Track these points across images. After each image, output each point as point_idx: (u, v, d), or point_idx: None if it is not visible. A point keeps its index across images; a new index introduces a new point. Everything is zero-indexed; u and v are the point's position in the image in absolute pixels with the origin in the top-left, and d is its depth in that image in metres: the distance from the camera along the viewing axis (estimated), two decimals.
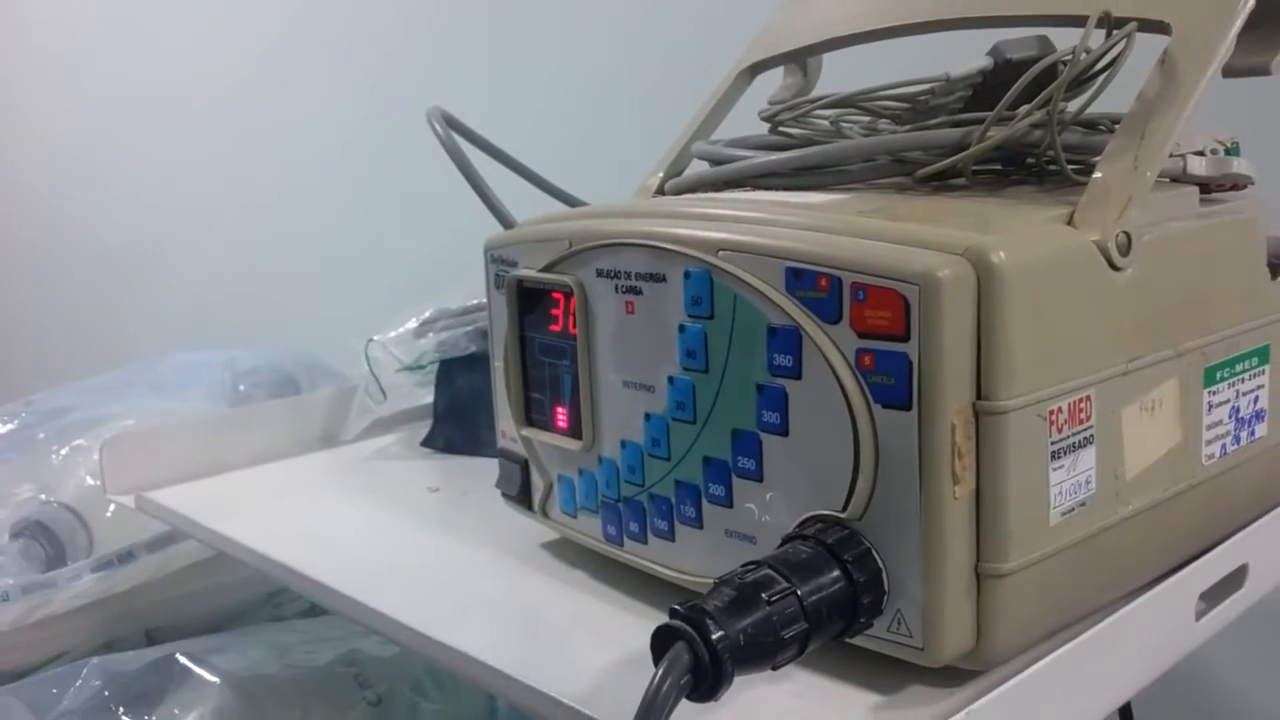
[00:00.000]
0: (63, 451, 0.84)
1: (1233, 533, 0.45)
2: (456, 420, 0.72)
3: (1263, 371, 0.47)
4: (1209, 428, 0.44)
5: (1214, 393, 0.44)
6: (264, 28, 1.44)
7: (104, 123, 1.78)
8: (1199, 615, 0.43)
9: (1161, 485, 0.42)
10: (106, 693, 0.70)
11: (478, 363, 0.71)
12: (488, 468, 0.55)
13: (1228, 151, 0.48)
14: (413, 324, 0.74)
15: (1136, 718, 0.62)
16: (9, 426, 0.90)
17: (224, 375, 0.95)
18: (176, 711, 0.69)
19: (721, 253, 0.40)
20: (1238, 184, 0.48)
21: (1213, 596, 0.44)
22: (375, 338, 0.73)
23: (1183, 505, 0.43)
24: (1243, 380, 0.46)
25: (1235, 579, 0.45)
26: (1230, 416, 0.46)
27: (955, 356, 0.35)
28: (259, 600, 0.85)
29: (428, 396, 0.74)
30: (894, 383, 0.35)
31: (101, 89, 1.77)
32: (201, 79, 1.56)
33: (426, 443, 0.73)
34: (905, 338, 0.35)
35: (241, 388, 0.94)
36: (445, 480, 0.66)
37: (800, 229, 0.39)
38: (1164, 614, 0.41)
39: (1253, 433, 0.47)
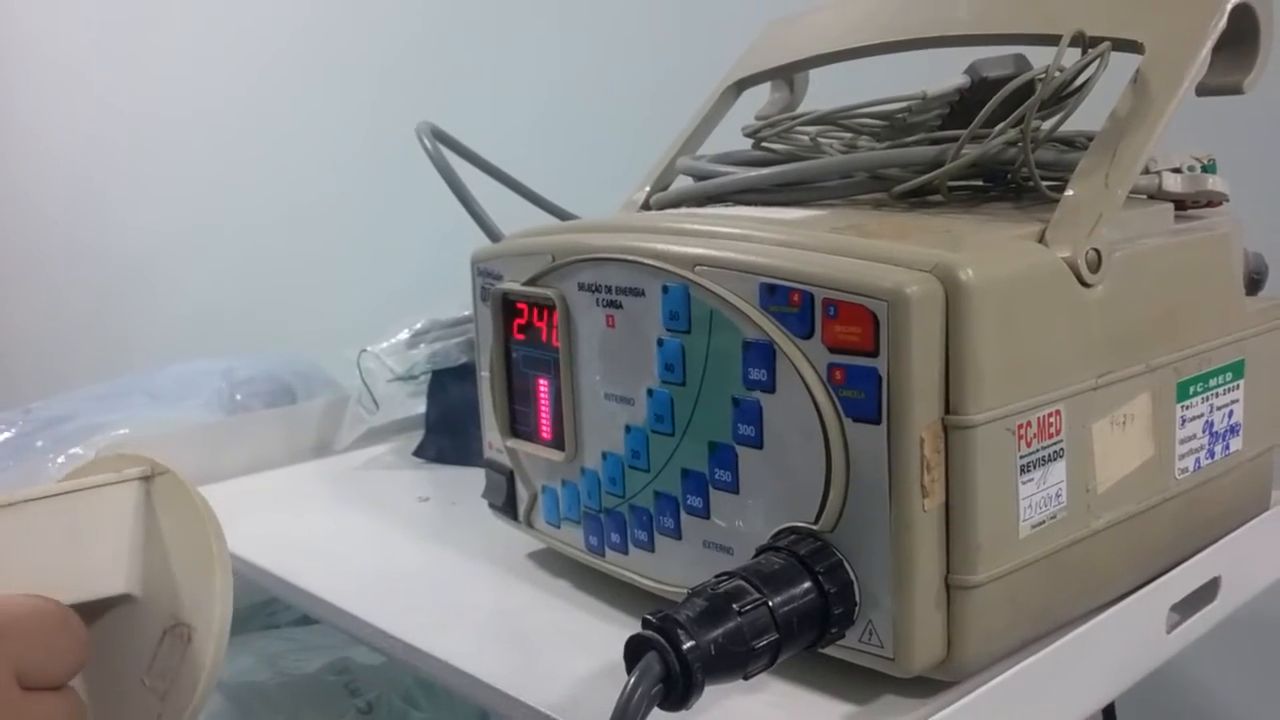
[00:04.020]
0: (60, 460, 0.84)
1: (1206, 546, 0.45)
2: (448, 431, 0.73)
3: (1237, 386, 0.47)
4: (1182, 442, 0.45)
5: (1187, 407, 0.45)
6: (262, 43, 1.45)
7: (104, 135, 1.79)
8: (1170, 628, 0.43)
9: (1134, 499, 0.43)
10: None
11: (469, 374, 0.71)
12: (478, 478, 0.56)
13: (1204, 169, 0.48)
14: (405, 335, 0.75)
15: None
16: (7, 434, 0.91)
17: (221, 384, 0.95)
18: None
19: (698, 268, 0.41)
20: (1213, 201, 0.48)
21: (1185, 609, 0.44)
22: (368, 348, 0.74)
23: (1155, 518, 0.44)
24: (1216, 395, 0.46)
25: (1208, 592, 0.45)
26: (1204, 431, 0.46)
27: (924, 371, 0.35)
28: (253, 608, 0.85)
29: (420, 407, 0.74)
30: (864, 397, 0.36)
31: (102, 101, 1.78)
32: (201, 93, 1.57)
33: (419, 453, 0.73)
34: (875, 353, 0.36)
35: (239, 397, 0.95)
36: (435, 490, 0.67)
37: (775, 245, 0.40)
38: (1134, 626, 0.42)
39: (1227, 447, 0.47)
